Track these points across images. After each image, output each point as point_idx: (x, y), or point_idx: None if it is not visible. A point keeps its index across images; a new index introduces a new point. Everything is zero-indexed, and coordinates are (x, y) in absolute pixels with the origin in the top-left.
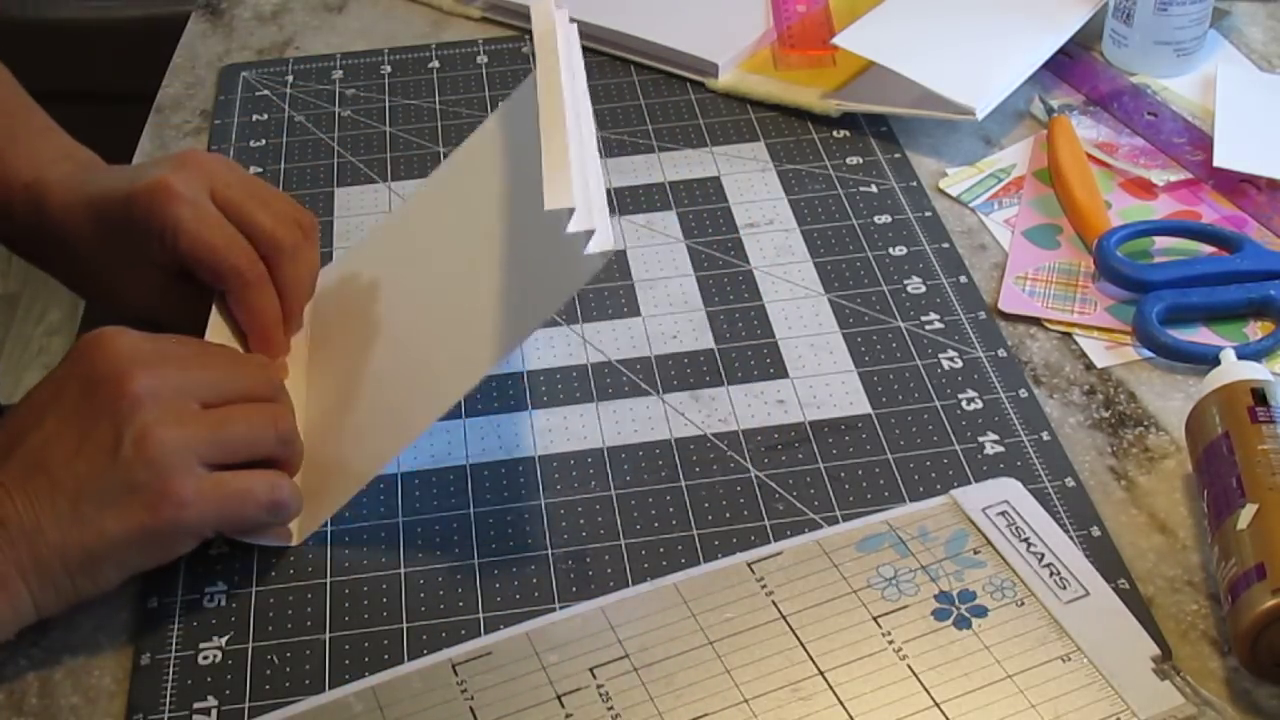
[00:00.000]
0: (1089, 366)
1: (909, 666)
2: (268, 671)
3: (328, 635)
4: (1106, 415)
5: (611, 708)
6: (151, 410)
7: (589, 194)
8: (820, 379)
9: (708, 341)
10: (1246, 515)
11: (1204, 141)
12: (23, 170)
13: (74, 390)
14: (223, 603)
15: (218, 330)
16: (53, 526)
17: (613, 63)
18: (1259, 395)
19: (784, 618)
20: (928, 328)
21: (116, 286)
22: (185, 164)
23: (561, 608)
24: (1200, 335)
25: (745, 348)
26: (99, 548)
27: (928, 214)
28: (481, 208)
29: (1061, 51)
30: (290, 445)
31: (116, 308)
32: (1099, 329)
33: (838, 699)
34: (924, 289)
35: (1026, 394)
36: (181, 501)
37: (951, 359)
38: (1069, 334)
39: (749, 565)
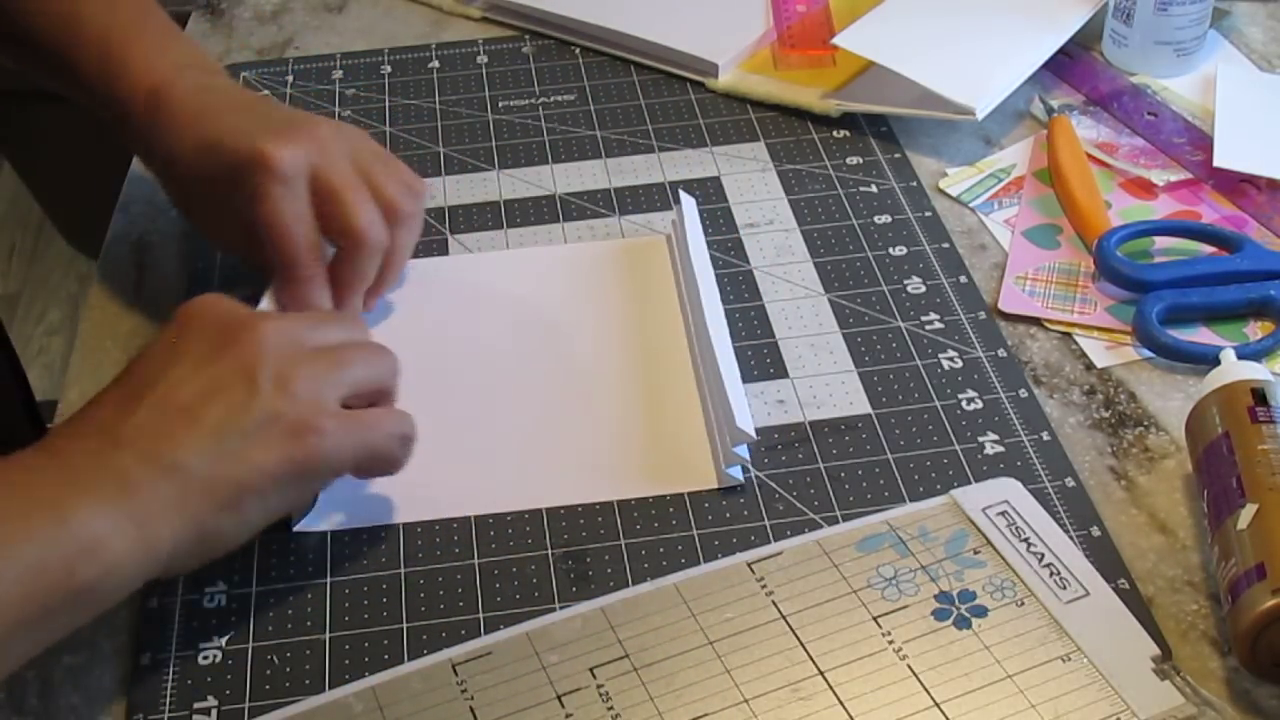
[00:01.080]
0: (1089, 366)
1: (909, 666)
2: (268, 671)
3: (328, 635)
4: (1106, 415)
5: (611, 708)
6: (285, 351)
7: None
8: (820, 379)
9: None
10: (1246, 515)
11: (1204, 141)
12: (144, 76)
13: (199, 342)
14: (223, 603)
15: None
16: (200, 462)
17: (613, 63)
18: (1259, 395)
19: (784, 618)
20: (928, 328)
21: (212, 219)
22: (297, 135)
23: (561, 608)
24: (1200, 335)
25: (745, 348)
26: (248, 479)
27: (928, 214)
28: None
29: (1061, 51)
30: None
31: (209, 237)
32: (1099, 329)
33: (838, 699)
34: (924, 289)
35: (1026, 394)
36: (323, 430)
37: (951, 359)
38: (1069, 334)
39: (749, 565)
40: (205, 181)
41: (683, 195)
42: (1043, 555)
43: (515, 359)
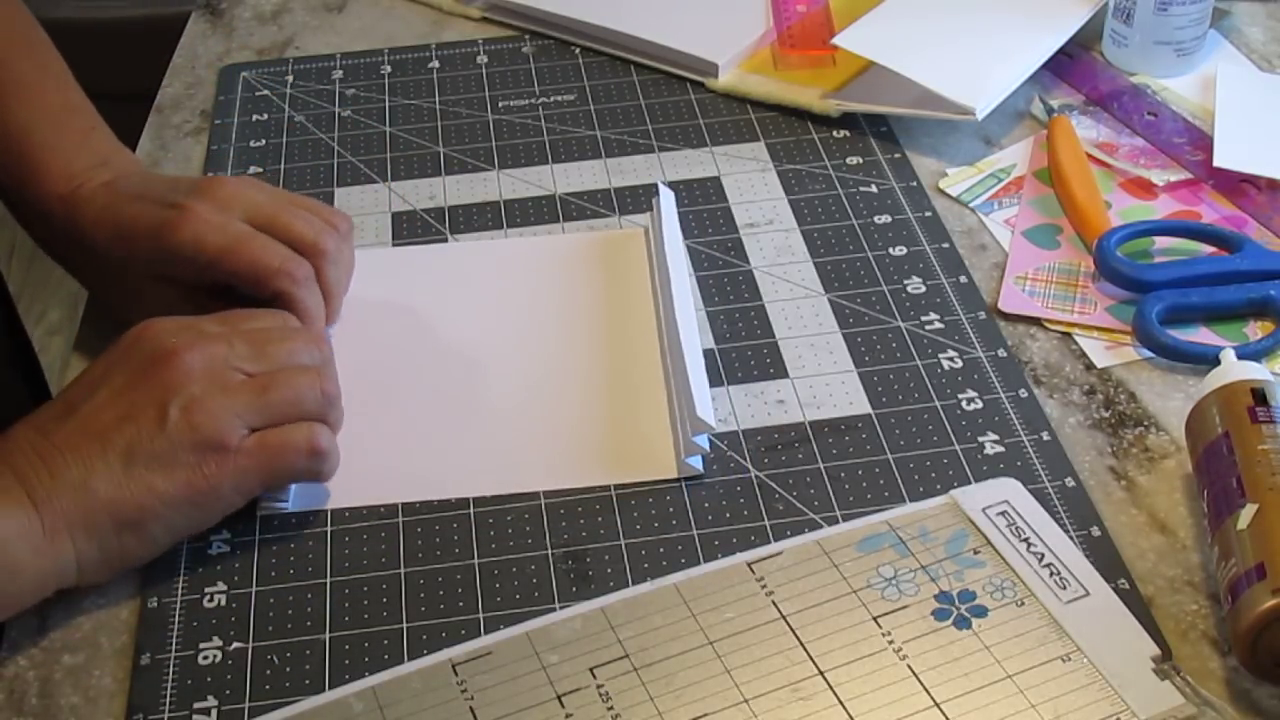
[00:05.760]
0: (1089, 366)
1: (909, 666)
2: (268, 671)
3: (328, 635)
4: (1106, 415)
5: (611, 708)
6: (198, 383)
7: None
8: (820, 379)
9: (708, 341)
10: (1246, 515)
11: (1204, 141)
12: (59, 183)
13: (125, 370)
14: (223, 603)
15: None
16: (104, 484)
17: (613, 63)
18: (1259, 395)
19: (784, 618)
20: (928, 328)
21: (138, 296)
22: (210, 192)
23: (561, 608)
24: (1200, 335)
25: (745, 348)
26: (149, 504)
27: (928, 214)
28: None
29: (1061, 51)
30: (335, 407)
31: (137, 314)
32: (1099, 329)
33: (838, 699)
34: (924, 289)
35: (1026, 394)
36: (224, 461)
37: (951, 359)
38: (1069, 334)
39: (749, 565)
40: (133, 262)
41: (661, 188)
42: (1043, 555)
43: (485, 347)
